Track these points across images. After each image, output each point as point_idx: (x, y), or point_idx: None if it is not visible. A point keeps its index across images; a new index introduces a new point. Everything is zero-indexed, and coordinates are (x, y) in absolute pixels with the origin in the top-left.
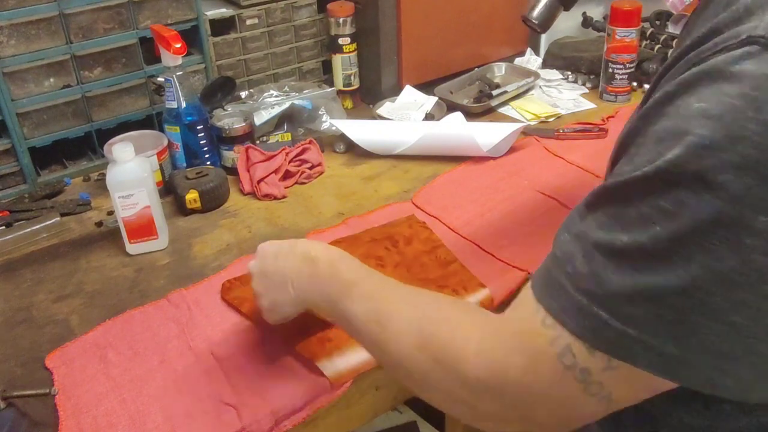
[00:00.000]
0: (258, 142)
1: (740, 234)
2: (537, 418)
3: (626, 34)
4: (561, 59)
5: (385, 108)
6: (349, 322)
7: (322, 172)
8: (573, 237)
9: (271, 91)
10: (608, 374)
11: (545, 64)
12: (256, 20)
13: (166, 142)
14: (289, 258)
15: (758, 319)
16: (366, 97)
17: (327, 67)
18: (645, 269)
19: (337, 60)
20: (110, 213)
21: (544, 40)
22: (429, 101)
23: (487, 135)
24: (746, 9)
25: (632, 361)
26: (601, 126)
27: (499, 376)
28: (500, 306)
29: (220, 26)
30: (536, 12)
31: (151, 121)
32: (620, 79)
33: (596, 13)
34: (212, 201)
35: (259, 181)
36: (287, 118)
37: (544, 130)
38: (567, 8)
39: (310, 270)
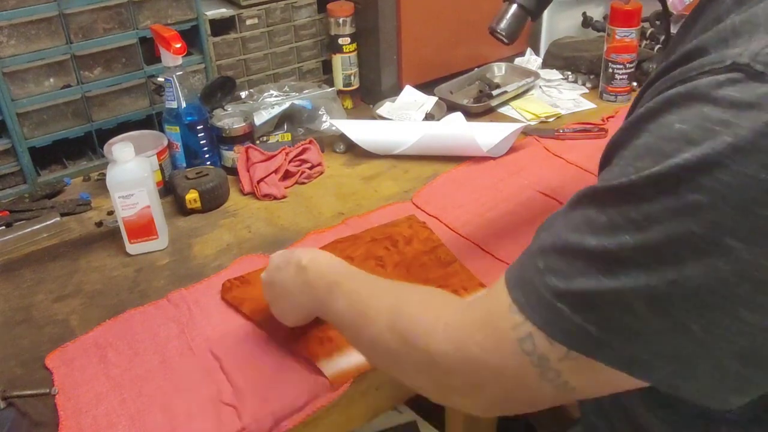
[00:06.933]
0: (258, 142)
1: (710, 254)
2: (496, 396)
3: (626, 34)
4: (561, 59)
5: (385, 108)
6: (335, 319)
7: (322, 172)
8: (549, 234)
9: (271, 91)
10: (566, 364)
11: (545, 64)
12: (256, 20)
13: (166, 142)
14: (286, 269)
15: (717, 332)
16: (366, 97)
17: (327, 67)
18: (609, 274)
19: (337, 60)
20: (110, 213)
21: (544, 40)
22: (429, 101)
23: (487, 135)
24: (734, 30)
25: (591, 355)
26: (601, 126)
27: (463, 350)
28: None
29: (220, 26)
30: (504, 23)
31: (151, 121)
32: (620, 79)
33: (596, 13)
34: (212, 201)
35: (259, 181)
36: (287, 118)
37: (544, 130)
38: (534, 19)
39: (302, 278)
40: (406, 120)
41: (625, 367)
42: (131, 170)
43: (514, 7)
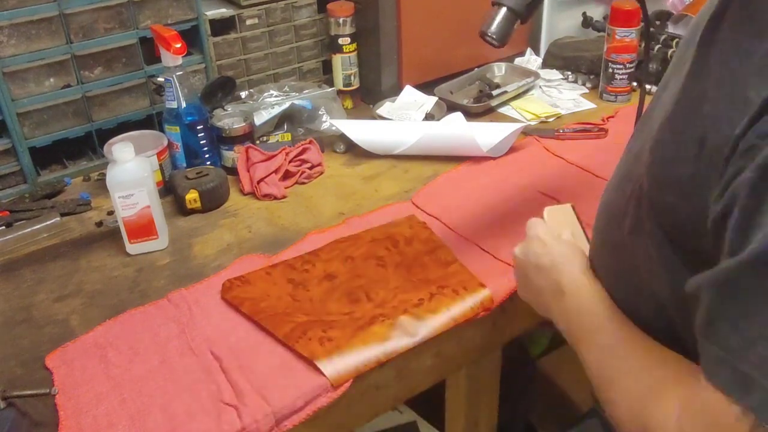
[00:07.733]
0: (258, 142)
1: None
2: None
3: (626, 34)
4: (561, 59)
5: (385, 108)
6: (583, 363)
7: (322, 172)
8: (738, 322)
9: (271, 91)
10: None
11: (545, 64)
12: (256, 20)
13: (166, 142)
14: (545, 278)
15: None
16: (366, 97)
17: (327, 67)
18: None
19: (337, 60)
20: (110, 213)
21: (544, 40)
22: (429, 101)
23: (487, 135)
24: None
25: None
26: (601, 126)
27: None
28: (500, 305)
29: (220, 26)
30: (494, 27)
31: (151, 121)
32: (620, 79)
33: (596, 13)
34: (212, 201)
35: (259, 181)
36: (287, 118)
37: (544, 130)
38: (523, 21)
39: (558, 301)
40: (406, 120)
41: None
42: (131, 170)
43: (504, 10)
